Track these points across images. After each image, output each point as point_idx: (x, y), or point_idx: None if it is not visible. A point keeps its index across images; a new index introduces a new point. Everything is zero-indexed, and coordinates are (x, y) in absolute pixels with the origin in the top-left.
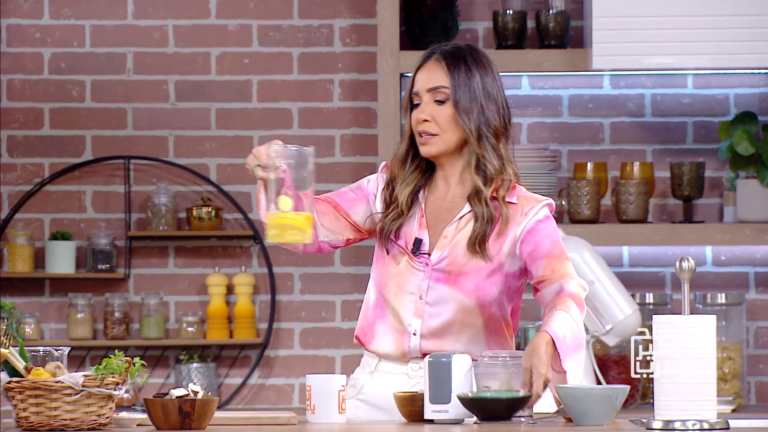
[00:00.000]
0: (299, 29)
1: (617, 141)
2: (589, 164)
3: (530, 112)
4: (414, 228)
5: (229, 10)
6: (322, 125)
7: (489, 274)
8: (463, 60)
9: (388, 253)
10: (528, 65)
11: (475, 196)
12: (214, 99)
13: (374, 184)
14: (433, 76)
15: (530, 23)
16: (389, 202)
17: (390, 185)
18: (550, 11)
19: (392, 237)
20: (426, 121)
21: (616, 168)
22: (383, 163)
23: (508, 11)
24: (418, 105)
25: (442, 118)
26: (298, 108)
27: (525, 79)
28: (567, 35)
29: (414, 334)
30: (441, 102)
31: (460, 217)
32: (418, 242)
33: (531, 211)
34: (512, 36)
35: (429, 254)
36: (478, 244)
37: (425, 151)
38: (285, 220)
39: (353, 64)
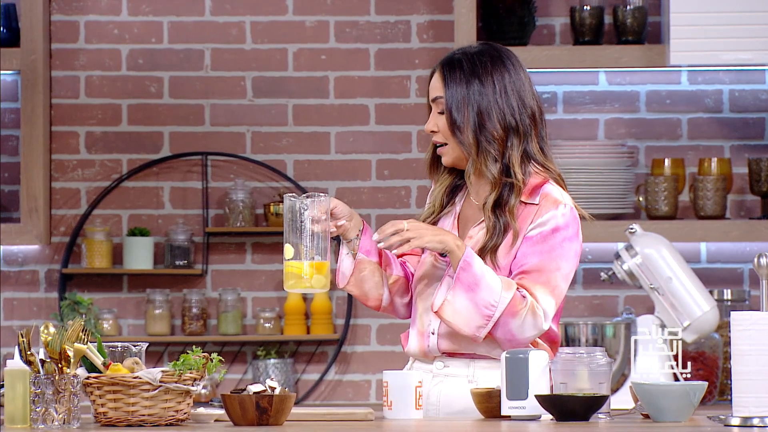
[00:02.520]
0: (376, 25)
1: (695, 137)
2: (666, 160)
3: (607, 108)
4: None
5: (307, 6)
6: (398, 121)
7: (505, 275)
8: (459, 68)
9: (422, 253)
10: (605, 61)
11: (483, 205)
12: (292, 95)
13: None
14: (434, 85)
15: (607, 19)
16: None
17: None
18: (628, 7)
19: None
20: (433, 131)
21: (693, 164)
22: None
23: (585, 7)
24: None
25: (442, 127)
26: (374, 104)
27: (602, 75)
28: (644, 31)
29: (432, 334)
30: (442, 113)
31: (482, 221)
32: None
33: (544, 217)
34: (589, 32)
35: None
36: (488, 255)
37: (443, 160)
38: (290, 268)
39: (430, 60)
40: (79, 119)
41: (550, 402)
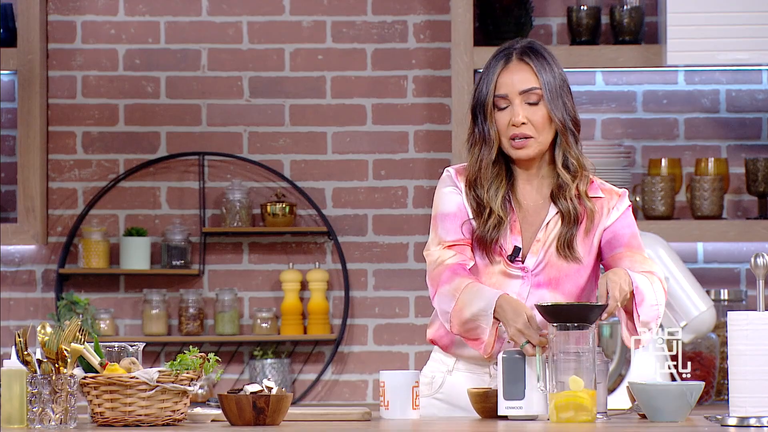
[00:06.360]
0: (373, 25)
1: (692, 137)
2: (663, 160)
3: (604, 108)
4: (507, 233)
5: (303, 6)
6: (395, 121)
7: (588, 273)
8: (542, 56)
9: (489, 258)
10: (602, 61)
11: (558, 192)
12: (288, 95)
13: (459, 196)
14: (523, 77)
15: (604, 19)
16: (478, 208)
17: (472, 191)
18: (625, 7)
19: (492, 244)
20: (523, 124)
21: (690, 164)
22: (452, 169)
23: (582, 7)
24: (503, 109)
25: (537, 119)
26: (371, 104)
27: (599, 75)
28: (641, 31)
29: (509, 341)
30: (533, 104)
31: (548, 222)
32: (517, 250)
33: (617, 206)
34: (586, 32)
35: (523, 260)
36: (566, 247)
37: (522, 154)
38: (577, 399)
39: (427, 60)
40: (75, 119)
41: (550, 311)
